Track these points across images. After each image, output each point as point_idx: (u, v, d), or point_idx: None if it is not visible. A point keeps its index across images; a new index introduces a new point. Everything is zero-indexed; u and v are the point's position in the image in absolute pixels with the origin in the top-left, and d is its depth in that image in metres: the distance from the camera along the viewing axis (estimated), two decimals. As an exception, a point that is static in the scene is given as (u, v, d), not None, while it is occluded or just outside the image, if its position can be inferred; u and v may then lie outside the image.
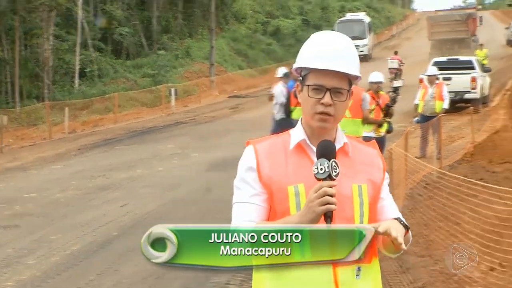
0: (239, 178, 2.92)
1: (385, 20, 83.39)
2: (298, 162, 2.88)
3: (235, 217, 2.88)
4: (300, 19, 60.36)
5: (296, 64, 2.98)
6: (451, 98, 19.31)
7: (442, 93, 16.40)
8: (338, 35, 2.97)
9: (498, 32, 65.66)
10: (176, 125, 26.89)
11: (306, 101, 2.90)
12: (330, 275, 2.80)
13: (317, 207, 2.64)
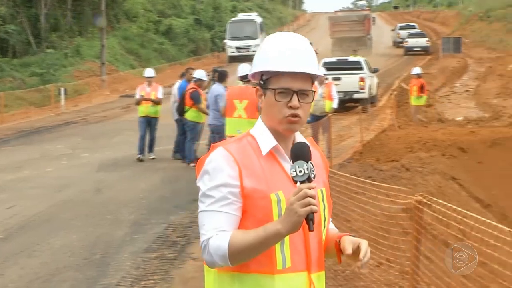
0: (212, 186, 2.75)
1: (276, 20, 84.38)
2: (272, 168, 2.80)
3: (208, 227, 2.73)
4: (193, 18, 60.24)
5: (257, 68, 2.88)
6: (340, 98, 19.72)
7: (331, 93, 16.70)
8: (294, 35, 2.93)
9: (386, 33, 67.59)
10: (66, 125, 26.31)
11: (272, 105, 2.81)
12: (307, 282, 2.80)
13: (299, 209, 2.56)
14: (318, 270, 2.85)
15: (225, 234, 2.68)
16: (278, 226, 2.61)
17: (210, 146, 13.10)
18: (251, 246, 2.65)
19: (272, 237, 2.63)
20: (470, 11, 74.29)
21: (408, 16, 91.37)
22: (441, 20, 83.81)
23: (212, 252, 2.68)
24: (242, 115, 11.94)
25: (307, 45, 2.89)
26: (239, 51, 52.12)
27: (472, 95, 32.04)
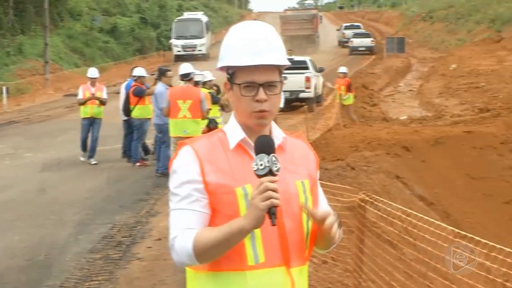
0: (178, 184, 2.72)
1: (222, 19, 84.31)
2: (241, 162, 2.72)
3: (175, 225, 2.69)
4: (138, 17, 59.75)
5: (221, 63, 2.81)
6: (286, 97, 19.82)
7: (278, 92, 16.77)
8: (258, 24, 2.82)
9: (331, 33, 68.12)
10: (9, 124, 25.84)
11: (239, 100, 2.74)
12: (286, 277, 2.72)
13: (260, 202, 2.51)
14: (300, 264, 2.77)
15: (191, 233, 2.63)
16: (242, 222, 2.56)
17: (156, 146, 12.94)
18: (216, 243, 2.59)
19: (237, 233, 2.57)
20: (413, 12, 75.39)
21: (353, 16, 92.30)
22: (385, 20, 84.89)
23: (179, 251, 2.64)
24: (186, 115, 11.89)
25: (270, 33, 2.79)
26: (185, 50, 51.94)
27: (415, 95, 32.51)
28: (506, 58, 37.97)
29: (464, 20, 57.57)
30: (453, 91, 30.93)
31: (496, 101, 25.96)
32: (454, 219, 11.84)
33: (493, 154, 15.28)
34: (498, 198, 13.84)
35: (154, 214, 11.43)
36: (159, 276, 8.28)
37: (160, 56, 55.85)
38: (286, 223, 2.71)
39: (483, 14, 53.42)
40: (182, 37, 52.60)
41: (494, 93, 28.24)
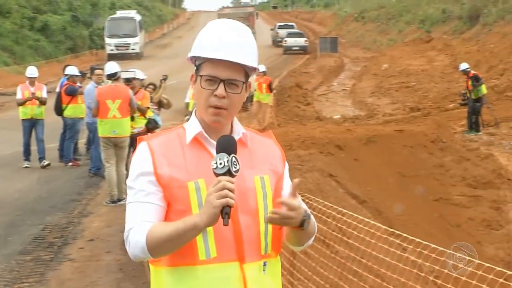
0: (133, 177, 2.73)
1: (156, 18, 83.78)
2: (196, 156, 2.71)
3: (131, 218, 2.67)
4: (70, 15, 58.85)
5: (190, 53, 2.77)
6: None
7: (212, 91, 16.73)
8: (235, 24, 2.78)
9: (265, 32, 68.38)
10: None
11: (199, 92, 2.73)
12: (238, 272, 2.68)
13: (215, 200, 2.49)
14: (256, 259, 2.73)
15: (145, 226, 2.62)
16: (196, 219, 2.55)
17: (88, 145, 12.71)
18: (169, 238, 2.58)
19: (190, 229, 2.56)
20: (345, 12, 76.31)
21: (286, 16, 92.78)
22: (318, 20, 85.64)
23: (132, 244, 2.63)
24: (116, 115, 11.68)
25: (244, 34, 2.77)
26: (118, 49, 51.42)
27: (348, 94, 32.90)
28: (436, 58, 38.78)
29: (395, 21, 58.56)
30: (385, 91, 31.42)
31: (426, 101, 26.49)
32: (386, 216, 11.99)
33: (423, 152, 15.55)
34: (428, 196, 14.09)
35: (86, 215, 11.28)
36: (91, 277, 8.17)
37: (92, 55, 55.09)
38: (241, 218, 2.69)
39: (413, 14, 54.42)
40: (115, 36, 52.06)
41: (424, 93, 28.82)
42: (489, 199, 14.50)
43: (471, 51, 36.52)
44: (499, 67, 30.12)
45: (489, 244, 12.96)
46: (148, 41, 62.13)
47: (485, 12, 40.82)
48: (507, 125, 20.49)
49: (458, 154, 15.94)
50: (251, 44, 2.78)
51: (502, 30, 36.74)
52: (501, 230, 13.75)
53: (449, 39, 43.33)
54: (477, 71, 29.70)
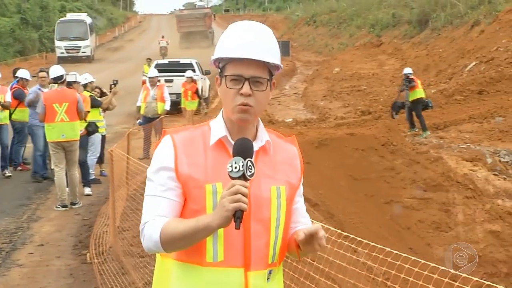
0: (154, 170, 2.75)
1: (107, 21, 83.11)
2: (217, 159, 2.72)
3: (147, 211, 2.72)
4: (18, 17, 58.01)
5: (214, 56, 2.78)
6: (173, 99, 19.70)
7: (163, 94, 16.68)
8: (256, 25, 2.81)
9: (217, 36, 68.22)
10: None
11: (225, 93, 2.74)
12: (241, 279, 2.71)
13: (228, 203, 2.51)
14: (261, 268, 2.76)
15: (160, 221, 2.66)
16: (209, 219, 2.58)
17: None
18: (182, 236, 2.62)
19: (203, 229, 2.59)
20: (297, 16, 76.67)
21: (238, 19, 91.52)
22: (270, 24, 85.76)
23: (147, 237, 2.68)
24: (64, 118, 11.55)
25: (267, 34, 2.81)
26: (69, 52, 50.87)
27: (300, 97, 33.05)
28: (386, 62, 39.19)
29: (346, 25, 59.03)
30: (337, 94, 31.63)
31: (377, 104, 26.73)
32: (337, 219, 12.10)
33: (374, 155, 15.70)
34: (379, 198, 14.24)
35: (36, 220, 11.13)
36: (41, 283, 8.06)
37: (42, 58, 54.40)
38: (252, 226, 2.72)
39: (364, 19, 54.93)
40: (65, 39, 51.47)
41: (375, 96, 29.09)
42: (438, 202, 14.72)
43: (420, 55, 37.00)
44: (447, 71, 30.57)
45: (438, 246, 13.17)
46: (99, 44, 61.55)
47: (433, 16, 41.41)
48: (456, 128, 20.81)
49: (408, 157, 16.13)
50: (273, 42, 2.82)
51: (450, 34, 37.32)
52: (450, 232, 13.98)
53: (399, 43, 43.83)
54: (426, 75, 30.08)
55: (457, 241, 13.33)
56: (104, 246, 9.41)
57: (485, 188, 15.84)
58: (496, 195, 15.85)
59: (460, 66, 29.61)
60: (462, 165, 16.67)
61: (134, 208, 9.79)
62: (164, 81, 21.96)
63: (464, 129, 20.42)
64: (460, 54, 31.82)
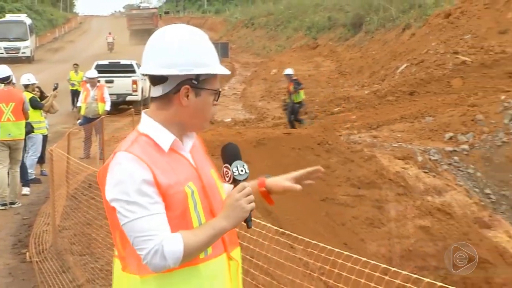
0: (135, 190, 2.55)
1: (47, 22, 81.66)
2: (177, 162, 2.70)
3: (152, 231, 2.54)
4: (-43, 17, 56.59)
5: (210, 69, 2.75)
6: (113, 100, 19.51)
7: (103, 95, 16.51)
8: (201, 32, 2.82)
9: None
10: None
11: (206, 105, 2.77)
12: (226, 263, 2.79)
13: (246, 204, 2.64)
14: (235, 247, 2.86)
15: (177, 237, 2.56)
16: (224, 223, 2.63)
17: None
18: (203, 245, 2.62)
19: (219, 234, 2.65)
20: (236, 18, 76.69)
21: (178, 21, 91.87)
22: (209, 26, 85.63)
23: (167, 255, 2.53)
24: (10, 118, 11.44)
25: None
26: (8, 53, 49.83)
27: (239, 98, 33.10)
28: (322, 63, 39.56)
29: (283, 27, 59.31)
30: (274, 95, 31.78)
31: (313, 105, 26.95)
32: (275, 216, 12.14)
33: (310, 154, 15.82)
34: (315, 196, 14.36)
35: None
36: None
37: (-19, 58, 53.21)
38: (217, 211, 2.75)
39: (301, 22, 55.28)
40: (5, 39, 50.43)
41: (312, 97, 29.30)
42: (371, 199, 14.93)
43: (355, 57, 37.46)
44: (380, 73, 31.01)
45: (371, 241, 13.36)
46: (39, 45, 60.47)
47: (367, 20, 41.96)
48: (388, 127, 21.11)
49: (343, 156, 16.32)
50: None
51: (383, 37, 37.87)
52: (382, 228, 14.21)
53: (334, 45, 44.28)
54: (360, 76, 30.46)
55: (389, 237, 13.56)
56: (44, 245, 9.27)
57: (416, 185, 16.15)
58: (426, 192, 16.17)
59: (392, 68, 30.06)
60: (394, 163, 16.96)
61: (75, 207, 9.67)
62: (104, 81, 21.73)
63: (396, 129, 20.73)
64: (392, 56, 32.31)
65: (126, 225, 2.57)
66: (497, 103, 20.10)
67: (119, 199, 2.57)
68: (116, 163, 2.62)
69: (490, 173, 17.78)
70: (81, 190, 10.44)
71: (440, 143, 18.94)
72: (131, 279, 2.69)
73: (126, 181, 2.57)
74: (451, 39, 28.45)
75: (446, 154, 18.33)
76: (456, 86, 24.05)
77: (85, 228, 9.15)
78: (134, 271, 2.67)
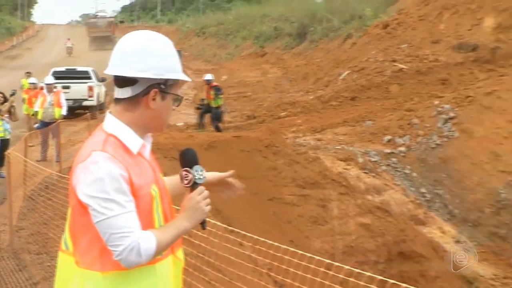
0: (114, 188, 2.50)
1: (5, 31, 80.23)
2: (142, 164, 2.68)
3: (129, 228, 2.50)
4: None
5: (177, 75, 2.74)
6: (70, 105, 19.22)
7: (60, 100, 16.30)
8: (169, 39, 2.81)
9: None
10: None
11: (168, 109, 2.76)
12: (172, 263, 2.78)
13: (205, 207, 2.67)
14: (179, 247, 2.86)
15: (151, 235, 2.55)
16: (186, 223, 2.65)
17: None
18: (168, 244, 2.63)
19: (182, 234, 2.68)
20: (188, 28, 76.43)
21: (133, 30, 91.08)
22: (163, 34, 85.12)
23: (143, 252, 2.50)
24: None
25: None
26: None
27: (191, 103, 32.93)
28: (269, 70, 39.65)
29: (232, 36, 59.30)
30: (224, 100, 31.74)
31: (261, 109, 27.00)
32: (225, 215, 12.11)
33: (258, 156, 15.84)
34: (262, 196, 14.38)
35: None
36: None
37: None
38: (169, 214, 2.77)
39: (249, 31, 55.34)
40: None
41: (259, 102, 29.38)
42: (316, 198, 15.01)
43: (300, 65, 37.64)
44: (324, 79, 31.22)
45: (315, 238, 13.43)
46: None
47: (311, 30, 42.23)
48: (332, 131, 21.26)
49: (289, 158, 16.37)
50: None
51: (326, 46, 38.15)
52: (326, 226, 14.29)
53: (281, 53, 44.44)
54: (305, 83, 30.57)
55: (332, 233, 13.64)
56: (0, 244, 9.08)
57: (357, 185, 16.29)
58: (367, 191, 16.33)
59: (335, 75, 30.29)
60: (337, 165, 17.08)
61: (31, 207, 9.50)
62: (61, 87, 21.39)
63: (339, 132, 20.89)
64: (335, 64, 32.56)
65: (101, 222, 2.52)
66: (431, 108, 20.42)
67: (95, 197, 2.51)
68: (93, 161, 2.55)
69: (425, 173, 18.05)
70: (38, 191, 10.26)
71: (379, 145, 19.15)
72: (89, 275, 2.62)
73: (104, 179, 2.52)
74: (389, 48, 28.79)
75: (384, 155, 18.55)
76: (394, 92, 24.35)
77: (42, 228, 9.00)
78: (94, 267, 2.61)
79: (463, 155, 18.17)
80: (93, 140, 2.68)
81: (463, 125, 19.15)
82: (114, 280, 2.60)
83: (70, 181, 2.66)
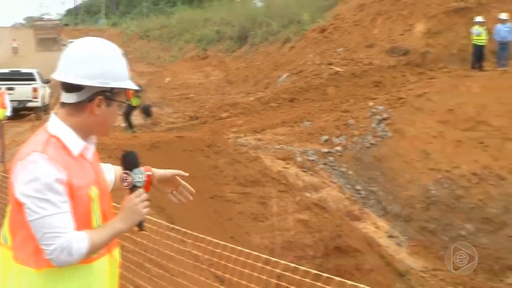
0: (48, 188, 2.47)
1: (-51, 31, 78.07)
2: (83, 165, 2.66)
3: (62, 228, 2.48)
4: None
5: (125, 84, 2.70)
6: (15, 106, 18.83)
7: (4, 101, 15.94)
8: (117, 47, 2.77)
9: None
10: None
11: (113, 116, 2.76)
12: (108, 262, 2.75)
13: (142, 209, 2.67)
14: (116, 246, 2.84)
15: (83, 235, 2.52)
16: (120, 225, 2.64)
17: None
18: (102, 245, 2.61)
19: (117, 235, 2.69)
20: (132, 31, 75.60)
21: (77, 33, 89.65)
22: (107, 37, 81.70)
23: (75, 252, 2.49)
24: None
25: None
26: None
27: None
28: (211, 73, 39.59)
29: (176, 39, 58.96)
30: (168, 101, 31.57)
31: (204, 110, 26.95)
32: (168, 213, 12.06)
33: (200, 155, 15.82)
34: (204, 194, 14.35)
35: None
36: None
37: None
38: (109, 215, 2.76)
39: (192, 34, 55.11)
40: None
41: (202, 103, 29.33)
42: (256, 195, 15.06)
43: (241, 67, 37.69)
44: (264, 81, 31.33)
45: (255, 234, 13.48)
46: None
47: (252, 33, 42.33)
48: (271, 131, 21.36)
49: (231, 157, 16.39)
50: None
51: (266, 49, 38.30)
52: (266, 222, 14.36)
53: (222, 56, 44.40)
54: (246, 85, 30.67)
55: (272, 229, 13.72)
56: None
57: (296, 183, 16.42)
58: (305, 188, 16.48)
59: (275, 77, 30.44)
60: (277, 163, 17.18)
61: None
62: (5, 89, 20.93)
63: (278, 132, 21.00)
64: (274, 67, 32.71)
65: (35, 221, 2.51)
66: (366, 109, 20.72)
67: (31, 196, 2.50)
68: (31, 161, 2.54)
69: (360, 171, 18.32)
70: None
71: (317, 145, 19.34)
72: (25, 271, 2.61)
73: (41, 179, 2.51)
74: (325, 51, 29.10)
75: (322, 155, 18.74)
76: (330, 94, 24.61)
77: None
78: (29, 263, 2.60)
79: (396, 154, 18.50)
80: (34, 140, 2.66)
81: (396, 125, 19.50)
82: (48, 277, 2.59)
83: (9, 177, 2.64)
